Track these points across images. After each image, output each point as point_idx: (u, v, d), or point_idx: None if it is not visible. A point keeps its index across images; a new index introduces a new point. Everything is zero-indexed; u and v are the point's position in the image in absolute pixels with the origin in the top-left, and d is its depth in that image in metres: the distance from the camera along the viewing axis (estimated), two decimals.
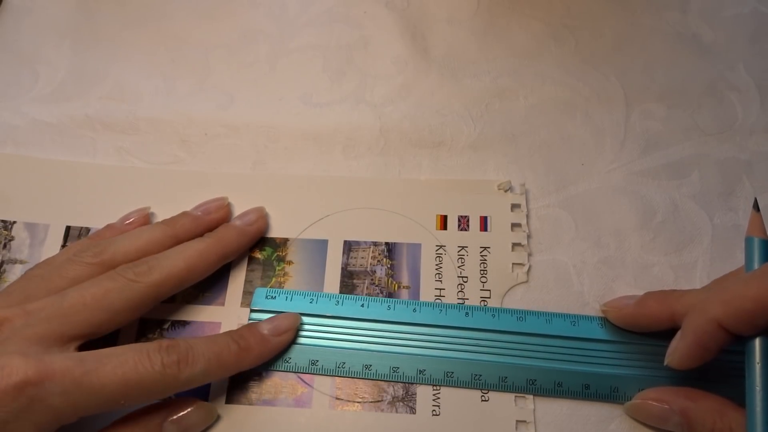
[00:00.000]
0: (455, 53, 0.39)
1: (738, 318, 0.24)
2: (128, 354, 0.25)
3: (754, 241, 0.26)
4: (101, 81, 0.38)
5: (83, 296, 0.26)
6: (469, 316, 0.30)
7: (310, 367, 0.29)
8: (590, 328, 0.30)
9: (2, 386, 0.22)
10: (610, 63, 0.39)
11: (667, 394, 0.27)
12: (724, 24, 0.40)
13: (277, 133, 0.36)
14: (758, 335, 0.25)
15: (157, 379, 0.25)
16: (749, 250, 0.27)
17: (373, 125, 0.37)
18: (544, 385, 0.29)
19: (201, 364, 0.26)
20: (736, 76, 0.38)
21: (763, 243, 0.26)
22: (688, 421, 0.26)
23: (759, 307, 0.24)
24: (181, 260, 0.29)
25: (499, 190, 0.34)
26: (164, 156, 0.36)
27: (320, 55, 0.39)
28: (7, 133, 0.36)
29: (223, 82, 0.38)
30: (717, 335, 0.25)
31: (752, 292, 0.24)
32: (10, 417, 0.22)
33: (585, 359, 0.29)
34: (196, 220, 0.32)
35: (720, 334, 0.25)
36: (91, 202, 0.34)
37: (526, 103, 0.37)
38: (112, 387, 0.24)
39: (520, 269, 0.32)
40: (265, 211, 0.33)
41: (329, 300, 0.31)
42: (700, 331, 0.25)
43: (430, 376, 0.29)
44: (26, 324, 0.25)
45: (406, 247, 0.33)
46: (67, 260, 0.29)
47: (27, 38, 0.40)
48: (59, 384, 0.23)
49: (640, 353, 0.29)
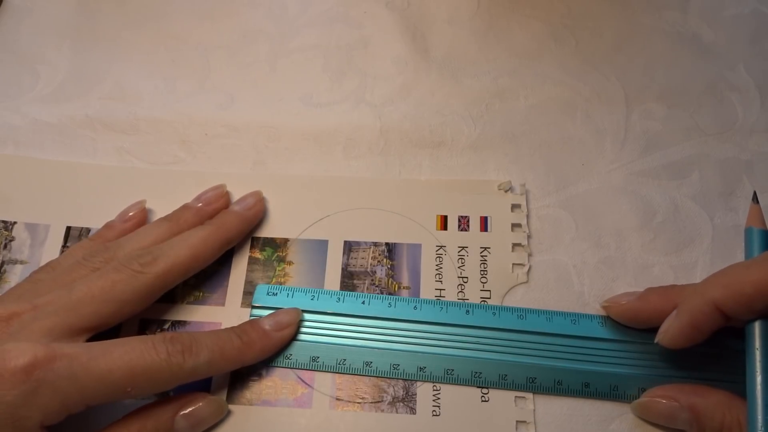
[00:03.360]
0: (455, 53, 0.39)
1: (736, 301, 0.25)
2: (134, 343, 0.25)
3: (754, 231, 0.27)
4: (101, 81, 0.38)
5: (91, 289, 0.27)
6: (469, 313, 0.30)
7: (311, 363, 0.29)
8: (591, 327, 0.30)
9: (11, 368, 0.23)
10: (610, 63, 0.39)
11: (673, 391, 0.27)
12: (724, 24, 0.40)
13: (277, 133, 0.36)
14: (757, 319, 0.25)
15: (163, 367, 0.25)
16: (749, 241, 0.27)
17: (373, 125, 0.37)
18: (544, 383, 0.29)
19: (205, 354, 0.26)
20: (736, 76, 0.38)
21: (762, 233, 0.27)
22: (697, 416, 0.26)
23: (758, 291, 0.24)
24: (185, 249, 0.29)
25: (499, 190, 0.34)
26: (164, 156, 0.36)
27: (320, 55, 0.39)
28: (8, 133, 0.36)
29: (223, 82, 0.38)
30: (712, 317, 0.25)
31: (753, 277, 0.24)
32: (18, 400, 0.22)
33: (585, 357, 0.29)
34: (199, 212, 0.32)
35: (715, 316, 0.25)
36: (92, 203, 0.34)
37: (526, 103, 0.37)
38: (119, 373, 0.24)
39: (521, 269, 0.32)
40: (263, 195, 0.33)
41: (330, 297, 0.31)
42: (697, 311, 0.25)
43: (431, 373, 0.29)
44: (35, 317, 0.26)
45: (407, 248, 0.33)
46: (77, 264, 0.29)
47: (27, 38, 0.40)
48: (67, 368, 0.23)
49: (641, 352, 0.29)
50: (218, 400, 0.28)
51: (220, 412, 0.28)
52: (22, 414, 0.23)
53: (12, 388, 0.22)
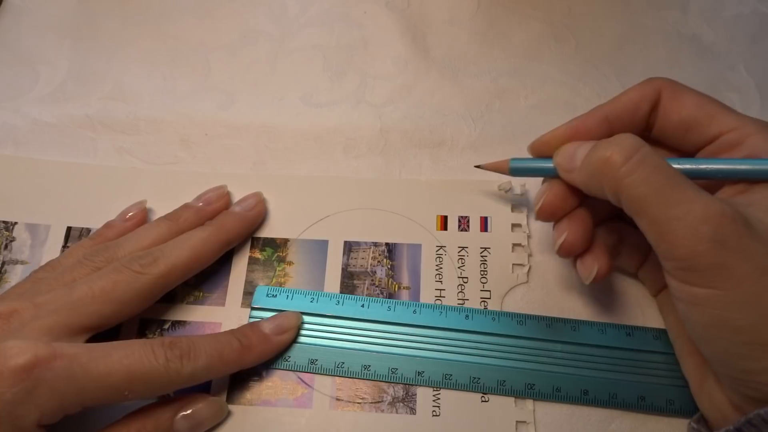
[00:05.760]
0: (455, 53, 0.39)
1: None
2: (134, 346, 0.25)
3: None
4: (101, 81, 0.38)
5: (91, 289, 0.27)
6: (469, 318, 0.30)
7: (310, 366, 0.29)
8: (591, 334, 0.30)
9: (11, 365, 0.23)
10: (610, 63, 0.39)
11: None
12: (724, 24, 0.40)
13: (277, 133, 0.36)
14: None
15: (161, 372, 0.25)
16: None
17: (373, 125, 0.37)
18: (543, 389, 0.29)
19: (203, 360, 0.26)
20: (736, 77, 0.38)
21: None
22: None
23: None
24: (185, 249, 0.29)
25: (499, 190, 0.34)
26: (164, 156, 0.36)
27: (320, 55, 0.39)
28: (7, 133, 0.36)
29: (223, 82, 0.38)
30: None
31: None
32: (17, 399, 0.23)
33: (585, 365, 0.29)
34: (199, 212, 0.32)
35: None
36: (92, 203, 0.34)
37: (526, 103, 0.37)
38: (117, 376, 0.24)
39: (521, 270, 0.32)
40: (263, 196, 0.33)
41: (330, 299, 0.31)
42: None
43: (429, 377, 0.29)
44: (35, 316, 0.26)
45: (407, 248, 0.33)
46: (78, 263, 0.29)
47: (27, 38, 0.40)
48: (66, 368, 0.23)
49: (641, 360, 0.29)
50: (218, 401, 0.28)
51: (221, 413, 0.28)
52: (19, 412, 0.23)
53: (11, 386, 0.23)
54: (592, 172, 0.25)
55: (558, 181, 0.27)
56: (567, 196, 0.27)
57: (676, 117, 0.27)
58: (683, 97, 0.27)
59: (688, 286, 0.22)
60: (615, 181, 0.23)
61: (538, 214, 0.28)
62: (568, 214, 0.27)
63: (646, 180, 0.23)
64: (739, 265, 0.21)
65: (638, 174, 0.23)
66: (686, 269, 0.22)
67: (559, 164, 0.27)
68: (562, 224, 0.27)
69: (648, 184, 0.23)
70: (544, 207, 0.27)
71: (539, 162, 0.28)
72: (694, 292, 0.22)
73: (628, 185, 0.23)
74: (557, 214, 0.27)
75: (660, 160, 0.23)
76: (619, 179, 0.23)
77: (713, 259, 0.21)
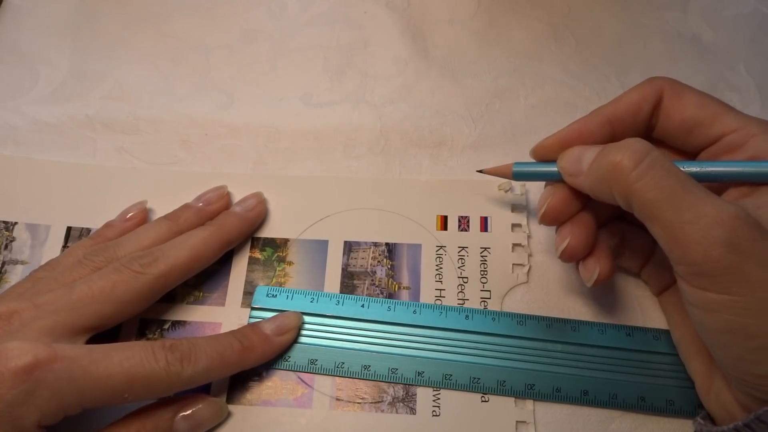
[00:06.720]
0: (455, 53, 0.39)
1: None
2: (135, 349, 0.25)
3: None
4: (101, 81, 0.38)
5: (91, 289, 0.27)
6: (469, 319, 0.30)
7: (310, 366, 0.29)
8: (590, 334, 0.30)
9: (11, 367, 0.23)
10: (610, 63, 0.39)
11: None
12: (724, 24, 0.40)
13: (277, 133, 0.36)
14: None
15: (162, 375, 0.25)
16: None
17: (373, 125, 0.37)
18: (543, 390, 0.29)
19: (204, 362, 0.26)
20: (736, 77, 0.38)
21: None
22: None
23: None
24: (185, 250, 0.29)
25: (499, 190, 0.34)
26: (164, 156, 0.36)
27: (320, 55, 0.39)
28: (8, 133, 0.36)
29: (223, 82, 0.38)
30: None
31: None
32: (17, 400, 0.23)
33: (585, 365, 0.29)
34: (199, 212, 0.32)
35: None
36: (92, 203, 0.34)
37: (526, 103, 0.37)
38: (117, 379, 0.24)
39: (521, 270, 0.32)
40: (264, 197, 0.33)
41: (330, 300, 0.31)
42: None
43: (429, 378, 0.29)
44: (35, 316, 0.26)
45: (407, 248, 0.33)
46: (78, 263, 0.29)
47: (27, 38, 0.40)
48: (67, 370, 0.23)
49: (641, 361, 0.29)
50: (218, 402, 0.28)
51: (221, 414, 0.28)
52: (19, 413, 0.23)
53: (12, 387, 0.23)
54: (601, 177, 0.24)
55: (561, 185, 0.27)
56: (570, 200, 0.27)
57: (678, 117, 0.27)
58: (685, 96, 0.27)
59: (701, 291, 0.22)
60: (625, 186, 0.23)
61: (541, 219, 0.27)
62: (570, 219, 0.27)
63: (657, 184, 0.22)
64: (754, 270, 0.21)
65: (649, 178, 0.23)
66: (700, 274, 0.22)
67: (564, 168, 0.27)
68: (565, 228, 0.27)
69: (659, 189, 0.22)
70: (548, 212, 0.27)
71: (543, 166, 0.28)
72: (708, 297, 0.22)
73: (638, 190, 0.23)
74: (560, 219, 0.27)
75: (670, 164, 0.23)
76: (630, 184, 0.23)
77: (727, 264, 0.21)
